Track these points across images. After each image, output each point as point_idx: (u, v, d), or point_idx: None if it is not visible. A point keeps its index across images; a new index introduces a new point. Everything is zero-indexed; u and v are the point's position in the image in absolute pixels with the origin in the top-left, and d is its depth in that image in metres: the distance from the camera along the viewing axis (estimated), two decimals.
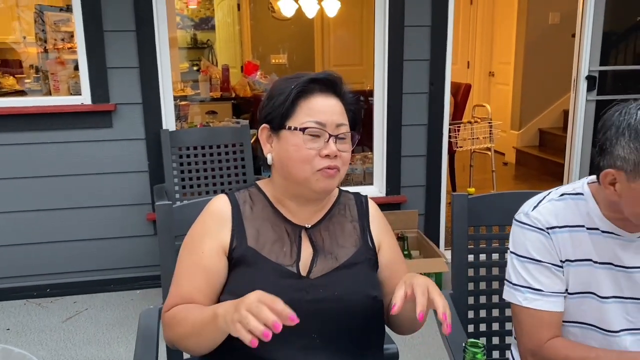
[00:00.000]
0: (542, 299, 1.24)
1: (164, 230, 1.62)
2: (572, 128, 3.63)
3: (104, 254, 3.23)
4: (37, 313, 3.02)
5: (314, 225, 1.25)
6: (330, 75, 1.21)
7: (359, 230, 1.29)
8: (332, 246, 1.23)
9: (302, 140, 1.14)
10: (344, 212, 1.30)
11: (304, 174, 1.15)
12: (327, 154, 1.14)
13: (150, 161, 3.15)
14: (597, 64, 3.47)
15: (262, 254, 1.18)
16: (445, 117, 3.35)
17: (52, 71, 3.28)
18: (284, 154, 1.17)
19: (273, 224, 1.22)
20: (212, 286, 1.17)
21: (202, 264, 1.17)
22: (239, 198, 1.24)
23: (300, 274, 1.17)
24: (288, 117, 1.16)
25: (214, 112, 4.79)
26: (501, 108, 6.25)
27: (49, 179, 3.10)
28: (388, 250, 1.31)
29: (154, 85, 3.07)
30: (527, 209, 1.28)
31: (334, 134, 1.16)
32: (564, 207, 1.25)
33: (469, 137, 4.70)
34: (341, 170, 1.18)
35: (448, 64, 3.27)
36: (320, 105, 1.17)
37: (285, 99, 1.16)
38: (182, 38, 6.60)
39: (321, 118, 1.15)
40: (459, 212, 1.61)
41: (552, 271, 1.24)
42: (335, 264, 1.21)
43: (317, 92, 1.18)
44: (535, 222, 1.25)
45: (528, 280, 1.25)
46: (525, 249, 1.26)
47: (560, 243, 1.23)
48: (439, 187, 3.44)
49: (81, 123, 3.06)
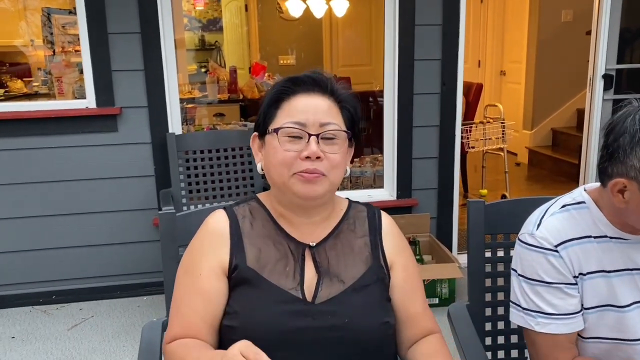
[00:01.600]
0: (555, 322, 1.17)
1: (168, 240, 1.57)
2: (588, 128, 3.54)
3: (110, 260, 3.19)
4: (43, 320, 2.98)
5: (319, 243, 1.15)
6: (314, 73, 1.13)
7: (370, 246, 1.18)
8: (338, 267, 1.13)
9: (278, 141, 1.07)
10: (353, 226, 1.20)
11: (281, 178, 1.08)
12: (307, 155, 1.05)
13: (157, 165, 3.10)
14: (614, 62, 3.37)
15: (263, 275, 1.09)
16: (457, 117, 3.27)
17: (56, 75, 3.24)
18: (267, 159, 1.12)
19: (275, 242, 1.14)
20: (213, 311, 1.10)
21: (201, 287, 1.10)
22: (238, 213, 1.17)
23: (305, 299, 1.09)
24: (270, 121, 1.11)
25: (221, 115, 4.74)
26: (513, 108, 6.15)
27: (54, 184, 3.05)
28: (401, 271, 1.19)
29: (160, 88, 3.02)
30: (531, 228, 1.22)
31: (315, 133, 1.07)
32: (568, 219, 1.19)
33: (481, 137, 4.62)
34: (329, 175, 1.08)
35: (460, 63, 3.19)
36: (302, 104, 1.09)
37: (267, 103, 1.12)
38: (190, 40, 6.57)
39: (301, 118, 1.07)
40: (475, 220, 1.54)
41: (565, 291, 1.17)
42: (342, 287, 1.11)
43: (300, 92, 1.10)
44: (541, 242, 1.18)
45: (539, 304, 1.19)
46: (534, 272, 1.19)
47: (571, 258, 1.17)
48: (451, 189, 3.36)
49: (86, 127, 3.02)
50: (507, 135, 4.70)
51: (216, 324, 1.10)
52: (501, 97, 6.63)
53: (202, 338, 1.09)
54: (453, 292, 3.01)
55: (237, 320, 1.07)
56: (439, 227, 3.39)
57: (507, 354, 1.58)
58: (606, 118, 3.45)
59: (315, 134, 1.07)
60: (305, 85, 1.11)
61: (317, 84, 1.11)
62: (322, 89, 1.11)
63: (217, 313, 1.10)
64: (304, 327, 1.04)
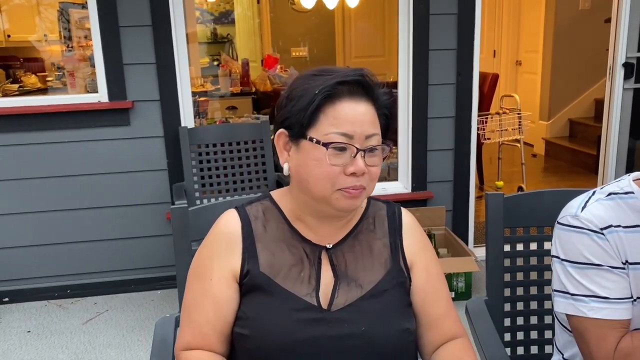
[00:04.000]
0: (610, 307, 1.09)
1: (180, 235, 1.55)
2: (608, 118, 3.46)
3: (124, 254, 3.18)
4: (58, 315, 2.99)
5: (336, 245, 1.09)
6: (363, 76, 1.02)
7: (390, 247, 1.12)
8: (356, 270, 1.08)
9: (324, 155, 0.98)
10: (372, 226, 1.13)
11: (323, 192, 1.00)
12: (353, 171, 0.98)
13: (169, 159, 3.08)
14: (635, 50, 3.28)
15: (277, 281, 1.04)
16: (473, 108, 3.21)
17: (69, 69, 3.23)
18: (303, 168, 1.01)
19: (289, 245, 1.08)
20: (223, 318, 1.06)
21: (212, 293, 1.06)
22: (250, 214, 1.11)
23: (320, 306, 1.04)
24: (310, 126, 1.00)
25: (234, 108, 4.72)
26: (529, 98, 6.05)
27: (67, 178, 3.05)
28: (423, 272, 1.13)
29: (172, 82, 3.00)
30: (575, 210, 1.14)
31: (362, 147, 0.99)
32: (615, 207, 1.12)
33: (497, 128, 4.55)
34: (368, 188, 1.02)
35: (476, 53, 3.12)
36: (349, 112, 0.99)
37: (308, 105, 0.99)
38: (202, 33, 6.56)
39: (348, 129, 0.98)
40: (493, 213, 1.50)
41: (617, 274, 1.10)
42: (360, 292, 1.06)
43: (345, 95, 1.00)
44: (587, 223, 1.11)
45: (591, 288, 1.10)
46: (580, 254, 1.11)
47: (617, 242, 1.10)
48: (467, 181, 3.30)
49: (98, 121, 3.01)
50: (524, 126, 4.62)
51: (227, 331, 1.08)
52: (517, 87, 6.53)
53: (213, 346, 1.07)
54: (469, 286, 2.96)
55: (249, 329, 1.04)
56: (455, 220, 3.35)
57: (527, 350, 1.55)
58: (627, 107, 3.37)
59: (363, 149, 0.99)
60: (351, 88, 1.01)
61: (365, 89, 1.02)
62: (368, 95, 1.02)
63: (229, 320, 1.07)
64: (319, 336, 1.00)
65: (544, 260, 1.52)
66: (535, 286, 1.54)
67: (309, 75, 1.04)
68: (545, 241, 1.53)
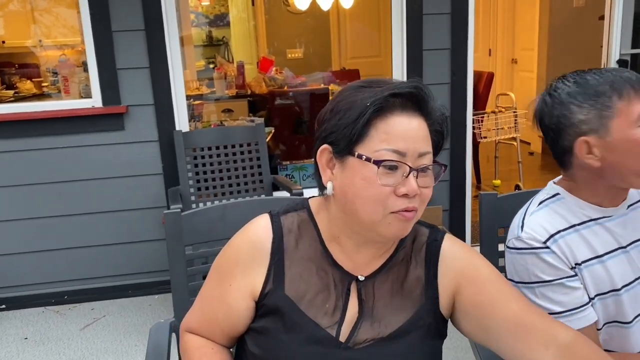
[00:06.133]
0: (567, 319, 1.13)
1: (174, 239, 1.55)
2: None
3: (121, 259, 3.18)
4: (55, 321, 2.98)
5: (369, 277, 1.01)
6: (417, 89, 0.92)
7: (424, 282, 1.01)
8: (383, 308, 0.99)
9: (375, 174, 0.89)
10: (409, 257, 1.03)
11: (373, 216, 0.91)
12: (406, 192, 0.90)
13: (165, 163, 3.08)
14: (629, 47, 3.28)
15: (300, 307, 0.98)
16: (468, 107, 3.21)
17: (63, 74, 3.23)
18: (350, 187, 0.93)
19: (319, 268, 1.00)
20: (233, 326, 1.05)
21: (227, 299, 1.03)
22: (284, 225, 1.02)
23: (339, 342, 0.97)
24: (358, 142, 0.91)
25: (230, 111, 4.70)
26: (525, 96, 6.04)
27: (62, 184, 3.04)
28: (471, 286, 1.00)
29: (166, 86, 2.99)
30: (516, 232, 1.19)
31: (415, 166, 0.90)
32: (549, 214, 1.17)
33: (493, 127, 4.55)
34: (419, 211, 0.94)
35: (470, 52, 3.12)
36: (401, 128, 0.90)
37: (357, 118, 0.90)
38: (198, 36, 6.55)
39: (400, 146, 0.89)
40: (487, 213, 1.50)
41: (567, 285, 1.13)
42: (381, 332, 0.97)
43: (397, 109, 0.91)
44: (530, 242, 1.14)
45: (546, 306, 1.14)
46: (531, 274, 1.15)
47: (563, 249, 1.14)
48: (463, 181, 3.30)
49: (93, 126, 3.00)
50: (520, 124, 4.62)
51: (234, 335, 1.07)
52: (513, 85, 6.53)
53: (217, 339, 1.08)
54: None
55: (262, 350, 1.00)
56: (452, 219, 3.34)
57: None
58: None
59: (416, 169, 0.90)
60: (404, 101, 0.92)
61: (418, 102, 0.93)
62: (421, 108, 0.93)
63: (238, 328, 1.05)
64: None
65: None
66: None
67: (356, 87, 0.95)
68: None
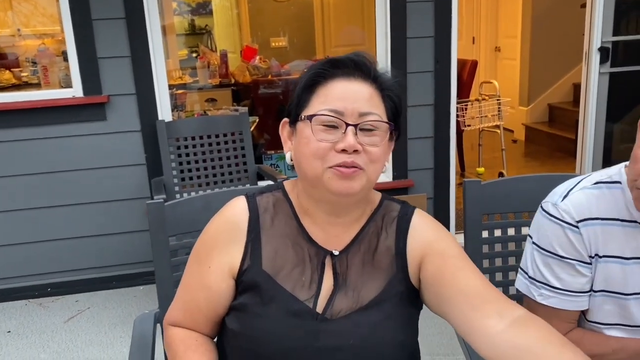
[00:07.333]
0: (558, 297, 1.14)
1: (157, 230, 1.54)
2: (585, 102, 3.48)
3: (105, 250, 3.15)
4: (39, 314, 2.95)
5: (343, 251, 1.04)
6: (357, 55, 1.00)
7: (394, 253, 1.04)
8: (358, 279, 1.02)
9: (312, 130, 0.96)
10: (380, 229, 1.06)
11: (315, 171, 0.96)
12: (343, 148, 0.94)
13: (148, 153, 3.05)
14: (610, 35, 3.31)
15: (277, 280, 1.01)
16: (452, 95, 3.21)
17: (43, 64, 3.17)
18: (298, 150, 1.00)
19: (294, 243, 1.04)
20: (215, 309, 1.06)
21: (207, 282, 1.05)
22: (260, 205, 1.06)
23: (315, 313, 0.99)
24: (303, 107, 0.99)
25: (213, 100, 4.67)
26: (509, 84, 6.09)
27: (43, 175, 3.00)
28: (436, 258, 1.02)
29: (147, 75, 2.95)
30: (557, 198, 1.15)
31: (353, 123, 0.95)
32: (598, 197, 1.12)
33: (476, 115, 4.57)
34: (367, 169, 0.96)
35: (454, 39, 3.12)
36: (340, 90, 0.97)
37: (301, 86, 1.01)
38: (180, 24, 6.47)
39: (338, 105, 0.95)
40: (471, 200, 1.51)
41: (577, 268, 1.13)
42: (357, 304, 1.00)
43: (338, 76, 0.98)
44: (563, 215, 1.12)
45: (547, 276, 1.15)
46: (548, 243, 1.14)
47: (590, 237, 1.11)
48: (447, 169, 3.31)
49: (74, 117, 2.96)
50: (503, 112, 4.65)
51: (217, 320, 1.09)
52: (497, 73, 6.56)
53: (201, 329, 1.10)
54: None
55: (242, 326, 1.01)
56: (436, 207, 3.36)
57: None
58: (603, 92, 3.40)
59: (354, 124, 0.95)
60: (346, 69, 0.98)
61: (359, 67, 0.98)
62: (364, 73, 0.98)
63: (219, 311, 1.07)
64: (305, 346, 0.97)
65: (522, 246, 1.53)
66: (513, 271, 1.54)
67: (312, 64, 1.04)
68: (522, 227, 1.54)
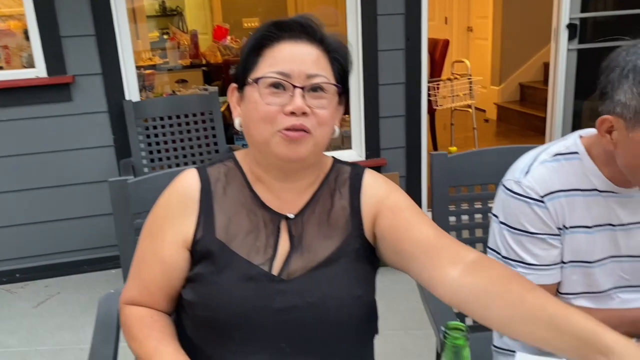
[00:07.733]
0: (535, 273, 1.15)
1: (120, 210, 1.49)
2: (554, 80, 3.52)
3: (74, 234, 3.09)
4: (7, 300, 2.89)
5: (298, 214, 1.03)
6: (303, 18, 0.99)
7: (349, 211, 1.04)
8: (313, 240, 1.02)
9: (259, 94, 0.95)
10: (333, 191, 1.06)
11: (263, 135, 0.95)
12: (292, 110, 0.93)
13: (116, 135, 2.99)
14: (578, 11, 3.33)
15: (231, 247, 1.00)
16: (423, 73, 3.21)
17: (2, 43, 3.07)
18: (246, 114, 0.99)
19: (249, 210, 1.03)
20: (170, 282, 1.04)
21: (161, 255, 1.03)
22: (211, 175, 1.05)
23: (271, 276, 0.99)
24: (250, 70, 0.97)
25: (184, 81, 4.60)
26: (481, 64, 6.12)
27: (7, 159, 2.93)
28: (388, 213, 1.03)
29: (113, 54, 2.88)
30: (518, 175, 1.16)
31: (301, 85, 0.94)
32: (558, 170, 1.14)
33: (448, 94, 4.58)
34: (315, 133, 0.95)
35: (424, 16, 3.11)
36: (287, 52, 0.96)
37: (247, 49, 0.99)
38: (150, 6, 6.36)
39: (285, 68, 0.94)
40: (438, 173, 1.51)
41: (548, 242, 1.14)
42: (312, 262, 1.00)
43: (285, 39, 0.97)
44: (528, 191, 1.13)
45: (520, 254, 1.15)
46: (517, 221, 1.15)
47: (557, 209, 1.13)
48: (419, 147, 3.32)
49: (38, 98, 2.88)
50: (475, 91, 4.67)
51: (174, 293, 1.06)
52: (469, 53, 6.59)
53: (158, 304, 1.07)
54: None
55: (198, 295, 1.00)
56: (409, 185, 3.37)
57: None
58: (571, 69, 3.43)
59: (301, 86, 0.94)
60: (292, 32, 0.97)
61: (306, 30, 0.97)
62: (310, 36, 0.98)
63: (176, 284, 1.05)
64: (262, 307, 0.97)
65: (488, 218, 1.55)
66: (480, 243, 1.56)
67: (258, 28, 1.02)
68: (489, 199, 1.55)
